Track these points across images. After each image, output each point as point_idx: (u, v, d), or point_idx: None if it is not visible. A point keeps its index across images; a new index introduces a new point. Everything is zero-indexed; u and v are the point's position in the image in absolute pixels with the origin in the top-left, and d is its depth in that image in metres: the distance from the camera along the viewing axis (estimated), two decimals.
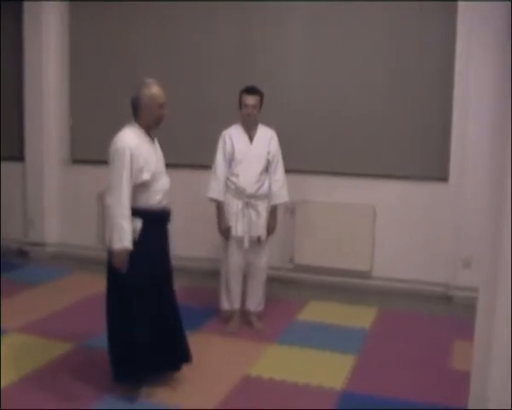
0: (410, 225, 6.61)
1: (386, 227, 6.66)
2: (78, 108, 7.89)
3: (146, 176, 3.99)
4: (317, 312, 5.96)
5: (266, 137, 5.32)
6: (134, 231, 3.98)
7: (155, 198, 4.08)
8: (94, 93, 7.76)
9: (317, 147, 6.73)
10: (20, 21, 7.80)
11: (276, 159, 5.32)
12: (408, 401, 4.12)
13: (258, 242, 5.30)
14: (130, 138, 4.00)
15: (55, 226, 8.08)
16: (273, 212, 5.41)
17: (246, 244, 5.23)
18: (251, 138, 5.28)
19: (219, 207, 5.26)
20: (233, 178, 5.22)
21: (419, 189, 6.58)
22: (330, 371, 4.59)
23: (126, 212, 3.91)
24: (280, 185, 5.34)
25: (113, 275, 4.06)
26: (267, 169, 5.31)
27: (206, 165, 5.56)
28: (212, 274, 6.22)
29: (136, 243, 3.96)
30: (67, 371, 4.46)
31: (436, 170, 6.50)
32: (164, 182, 4.18)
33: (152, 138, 4.18)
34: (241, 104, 5.21)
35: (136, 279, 3.99)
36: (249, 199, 5.21)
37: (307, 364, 4.71)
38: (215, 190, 5.22)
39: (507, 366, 2.57)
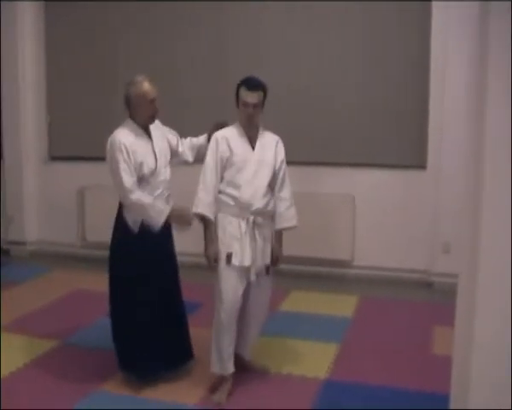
0: (390, 212, 6.66)
1: (365, 216, 6.70)
2: (55, 104, 7.84)
3: (145, 170, 4.07)
4: (298, 302, 5.99)
5: (271, 142, 4.17)
6: (134, 223, 4.11)
7: (156, 191, 4.14)
8: (71, 89, 7.71)
9: (293, 137, 6.69)
10: None
11: (282, 171, 4.18)
12: (391, 387, 4.16)
13: (266, 272, 4.15)
14: (124, 135, 4.06)
15: (35, 224, 8.03)
16: (278, 238, 4.21)
17: (253, 276, 4.02)
18: (252, 143, 4.10)
19: (207, 226, 4.02)
20: (232, 191, 4.00)
21: (397, 177, 6.63)
22: (313, 360, 4.62)
23: (148, 198, 4.04)
24: (288, 205, 4.19)
25: (115, 266, 4.21)
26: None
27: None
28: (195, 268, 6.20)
29: (136, 235, 4.11)
30: (51, 369, 4.45)
31: (414, 158, 6.55)
32: (165, 175, 4.23)
33: (149, 133, 4.19)
34: (238, 101, 4.05)
35: (138, 270, 4.09)
36: (256, 216, 4.02)
37: (290, 354, 4.73)
38: (203, 203, 3.96)
39: (488, 351, 2.60)
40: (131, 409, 3.88)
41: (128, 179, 3.98)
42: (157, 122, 4.31)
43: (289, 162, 4.30)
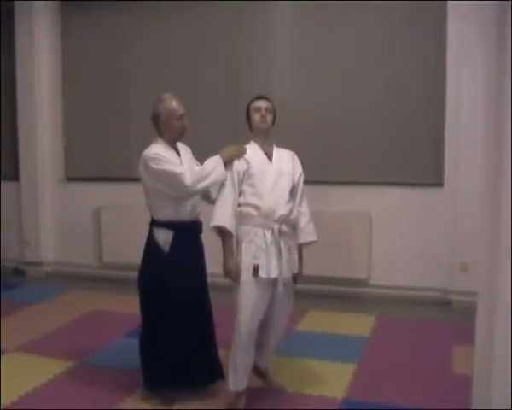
0: (407, 231, 6.62)
1: (382, 234, 6.67)
2: (71, 125, 7.91)
3: None
4: (316, 321, 5.96)
5: (287, 156, 4.15)
6: (165, 243, 4.06)
7: (185, 209, 4.09)
8: (87, 110, 7.78)
9: (310, 156, 6.68)
10: (12, 34, 7.83)
11: (301, 184, 4.17)
12: (409, 407, 4.11)
13: (294, 282, 4.08)
14: (156, 150, 4.02)
15: (51, 245, 8.07)
16: (299, 253, 4.14)
17: (280, 288, 3.93)
18: (268, 156, 4.06)
19: (226, 239, 3.91)
20: (255, 201, 3.89)
21: (414, 195, 6.60)
22: (331, 380, 4.57)
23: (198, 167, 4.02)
24: (308, 219, 4.18)
25: (146, 287, 4.16)
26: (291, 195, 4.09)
27: None
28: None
29: (167, 255, 4.06)
30: (69, 389, 4.43)
31: (431, 175, 6.52)
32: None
33: (177, 151, 4.17)
34: (249, 117, 4.08)
35: (169, 290, 4.06)
36: (281, 225, 3.92)
37: (308, 374, 4.69)
38: (222, 216, 3.85)
39: (509, 370, 2.57)
40: None
41: (177, 168, 3.93)
42: (187, 149, 4.30)
43: (307, 181, 4.27)
